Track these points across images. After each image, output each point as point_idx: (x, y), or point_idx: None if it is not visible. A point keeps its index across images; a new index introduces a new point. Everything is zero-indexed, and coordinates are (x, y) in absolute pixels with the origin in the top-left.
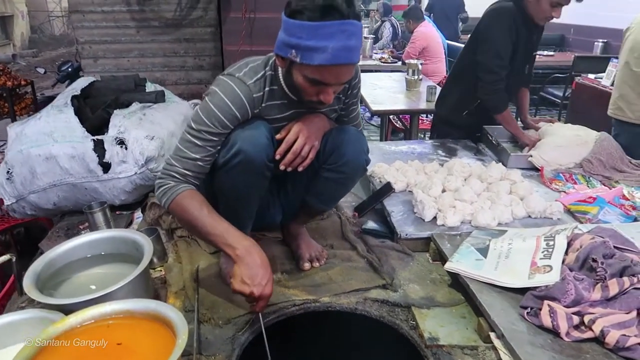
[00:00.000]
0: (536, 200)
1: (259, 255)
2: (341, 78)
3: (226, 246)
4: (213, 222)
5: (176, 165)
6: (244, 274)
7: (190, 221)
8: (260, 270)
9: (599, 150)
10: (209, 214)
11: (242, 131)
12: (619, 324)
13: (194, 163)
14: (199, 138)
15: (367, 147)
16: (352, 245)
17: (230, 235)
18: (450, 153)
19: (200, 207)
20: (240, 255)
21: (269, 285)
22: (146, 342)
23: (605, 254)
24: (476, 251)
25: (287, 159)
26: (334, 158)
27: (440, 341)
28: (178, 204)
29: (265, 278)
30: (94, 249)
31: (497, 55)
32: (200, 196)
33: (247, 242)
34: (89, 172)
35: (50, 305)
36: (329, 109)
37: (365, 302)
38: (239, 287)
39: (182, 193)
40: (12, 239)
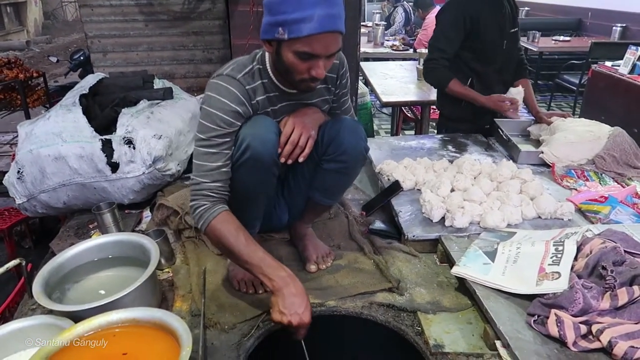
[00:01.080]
0: (547, 200)
1: (295, 285)
2: (329, 48)
3: (263, 276)
4: (250, 252)
5: (204, 181)
6: (280, 305)
7: (227, 247)
8: (296, 299)
9: (612, 146)
10: (246, 242)
11: (249, 129)
12: (627, 334)
13: (219, 171)
14: (212, 145)
15: (364, 135)
16: (359, 246)
17: (267, 266)
18: (460, 149)
19: (237, 233)
20: (276, 286)
21: (306, 313)
22: (151, 352)
23: (615, 261)
24: (484, 255)
25: (285, 150)
26: (333, 148)
27: (445, 348)
28: (215, 229)
29: (302, 306)
30: (102, 252)
31: (435, 38)
32: (236, 221)
33: (283, 272)
34: (97, 172)
35: (59, 312)
36: (320, 99)
37: (371, 307)
38: (278, 318)
39: (217, 217)
40: (28, 229)
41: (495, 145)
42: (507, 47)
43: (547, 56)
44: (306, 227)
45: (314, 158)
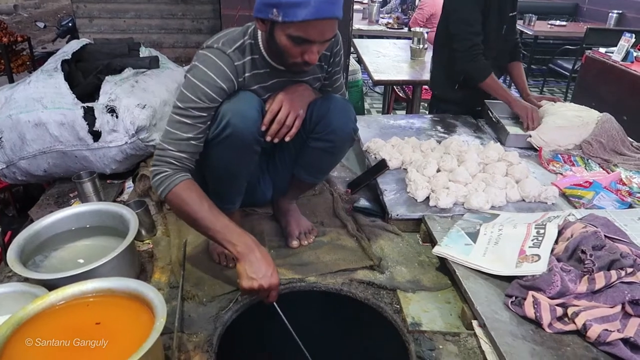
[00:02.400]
0: (532, 184)
1: (260, 250)
2: (325, 34)
3: (227, 242)
4: (213, 218)
5: (170, 149)
6: (248, 270)
7: (189, 214)
8: (262, 263)
9: (600, 132)
10: (210, 209)
11: (231, 104)
12: (602, 317)
13: (187, 143)
14: (188, 116)
15: (354, 116)
16: (342, 223)
17: (231, 232)
18: (449, 129)
19: (200, 201)
20: (241, 251)
21: (275, 275)
22: (125, 322)
23: (595, 245)
24: (466, 236)
25: (272, 129)
26: (321, 127)
27: (422, 326)
28: (176, 195)
29: (270, 269)
30: (80, 221)
31: (466, 22)
32: (198, 188)
33: (246, 238)
34: (78, 140)
35: (34, 280)
36: (312, 77)
37: (351, 284)
38: (248, 284)
39: (180, 184)
40: (12, 197)
41: (484, 127)
42: (505, 32)
43: (542, 40)
44: (290, 202)
45: (302, 135)
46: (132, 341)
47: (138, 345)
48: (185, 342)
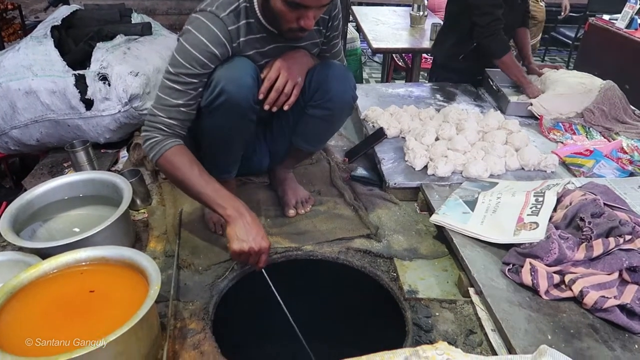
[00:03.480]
0: (531, 152)
1: (250, 214)
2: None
3: (217, 206)
4: (203, 183)
5: (160, 115)
6: (238, 233)
7: (180, 179)
8: (252, 226)
9: (602, 99)
10: (200, 173)
11: (225, 71)
12: (599, 284)
13: (178, 110)
14: (179, 82)
15: (354, 83)
16: (339, 192)
17: (220, 197)
18: (449, 98)
19: (191, 165)
20: (231, 215)
21: (265, 238)
22: (119, 290)
23: (594, 213)
24: (464, 204)
25: (270, 97)
26: (320, 94)
27: (419, 294)
28: (167, 160)
29: (260, 233)
30: (73, 190)
31: None
32: (189, 153)
33: (236, 202)
34: (71, 109)
35: (27, 249)
36: (310, 42)
37: (347, 252)
38: (238, 246)
39: (170, 149)
40: (8, 169)
41: (484, 96)
42: (521, 3)
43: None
44: (287, 171)
45: (299, 103)
46: (126, 309)
47: (132, 313)
48: (181, 310)
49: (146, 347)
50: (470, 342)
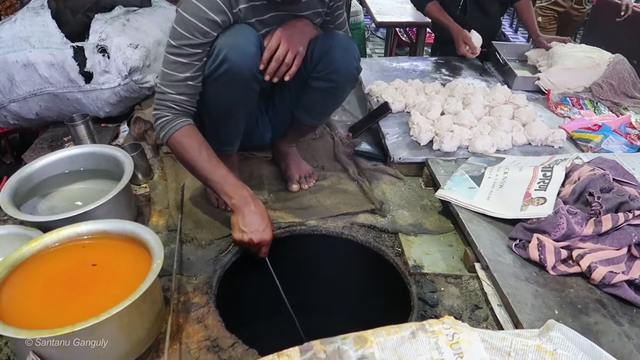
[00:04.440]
0: (539, 127)
1: (255, 204)
2: None
3: (223, 194)
4: (211, 168)
5: (169, 91)
6: (241, 223)
7: (189, 162)
8: (256, 217)
9: (611, 74)
10: (209, 158)
11: (227, 39)
12: (607, 260)
13: (186, 84)
14: (183, 55)
15: (358, 54)
16: (343, 167)
17: (228, 184)
18: (454, 72)
19: (200, 149)
20: (236, 204)
21: (267, 230)
22: (121, 264)
23: (603, 188)
24: (470, 179)
25: (270, 67)
26: (323, 65)
27: (424, 269)
28: (177, 142)
29: (263, 224)
30: (73, 164)
31: None
32: (198, 135)
33: (244, 191)
34: (70, 82)
35: (28, 223)
36: (312, 12)
37: (352, 227)
38: (239, 237)
39: (180, 130)
40: (8, 145)
41: (490, 70)
42: None
43: None
44: (290, 146)
45: (302, 75)
46: (129, 282)
47: (135, 287)
48: (184, 284)
49: (150, 320)
50: (475, 317)
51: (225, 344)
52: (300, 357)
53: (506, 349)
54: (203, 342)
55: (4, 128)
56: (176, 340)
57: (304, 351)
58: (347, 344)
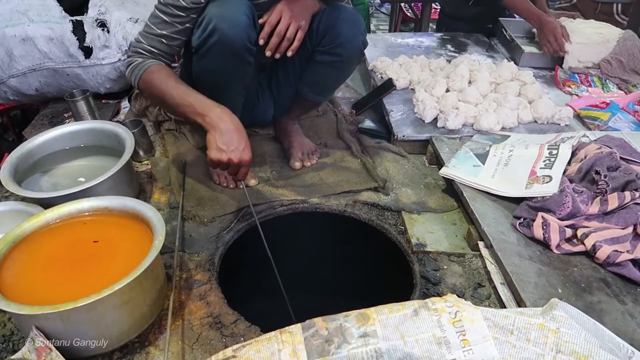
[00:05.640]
0: (545, 104)
1: (232, 121)
2: None
3: (196, 115)
4: (181, 93)
5: (142, 41)
6: (218, 141)
7: (159, 95)
8: (234, 134)
9: (621, 50)
10: (177, 84)
11: (217, 9)
12: (612, 239)
13: (160, 40)
14: (167, 13)
15: (364, 28)
16: (346, 144)
17: (200, 103)
18: (460, 48)
19: (167, 78)
20: (210, 122)
21: (247, 150)
22: (123, 240)
23: (610, 166)
24: (474, 157)
25: (271, 42)
26: (328, 39)
27: (427, 247)
28: (145, 81)
29: (242, 143)
30: (74, 140)
31: None
32: (167, 69)
33: (218, 108)
34: (69, 57)
35: (30, 199)
36: None
37: (354, 205)
38: (216, 156)
39: (148, 68)
40: (10, 122)
41: (497, 46)
42: None
43: None
44: (292, 123)
45: (307, 49)
46: (131, 259)
47: (137, 263)
48: (186, 262)
49: (152, 297)
50: (478, 295)
51: (228, 320)
52: (303, 334)
53: (509, 327)
54: (205, 319)
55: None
56: (178, 317)
57: (306, 328)
58: (349, 321)
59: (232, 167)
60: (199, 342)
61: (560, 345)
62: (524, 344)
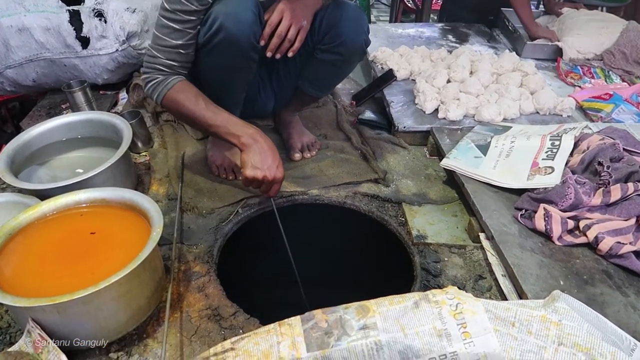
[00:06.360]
0: (547, 95)
1: (265, 141)
2: None
3: (230, 135)
4: (212, 115)
5: (159, 56)
6: (253, 160)
7: (188, 115)
8: (268, 154)
9: (624, 41)
10: (207, 106)
11: (222, 6)
12: (615, 230)
13: (177, 52)
14: (176, 21)
15: (367, 26)
16: (346, 136)
17: (232, 125)
18: (461, 39)
19: (196, 99)
20: (245, 142)
21: (280, 168)
22: (121, 232)
23: (613, 158)
24: (476, 148)
25: (272, 43)
26: (330, 37)
27: (427, 239)
28: (172, 100)
29: (276, 161)
30: (71, 131)
31: None
32: (193, 87)
33: (251, 129)
34: (66, 47)
35: (27, 191)
36: None
37: (355, 197)
38: (251, 173)
39: (174, 87)
40: (8, 113)
41: (498, 37)
42: None
43: None
44: (292, 115)
45: (308, 45)
46: (128, 251)
47: (135, 255)
48: (185, 253)
49: (150, 289)
50: (479, 287)
51: (227, 312)
52: (302, 326)
53: (510, 319)
54: (204, 311)
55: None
56: (177, 309)
57: (306, 320)
58: (349, 313)
59: (265, 184)
60: (197, 335)
61: (562, 337)
62: (526, 336)
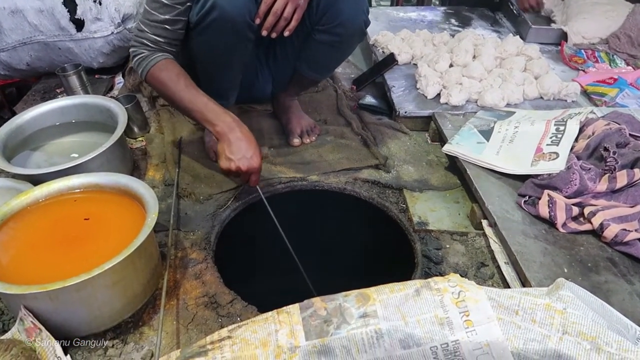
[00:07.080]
0: (552, 79)
1: (241, 129)
2: None
3: (206, 122)
4: (191, 97)
5: (146, 30)
6: (227, 151)
7: (168, 95)
8: (243, 143)
9: (630, 25)
10: (187, 87)
11: None
12: (620, 217)
13: (163, 27)
14: None
15: (366, 6)
16: (346, 121)
17: (209, 111)
18: (464, 23)
19: (177, 79)
20: (220, 131)
21: (255, 157)
22: (115, 218)
23: (619, 143)
24: (478, 133)
25: (267, 21)
26: (328, 17)
27: (429, 226)
28: (154, 77)
29: (250, 150)
30: (65, 116)
31: None
32: (176, 67)
33: (227, 117)
34: (60, 30)
35: (20, 176)
36: None
37: (355, 183)
38: (225, 165)
39: (157, 64)
40: (5, 99)
41: (502, 21)
42: None
43: None
44: (291, 99)
45: (306, 26)
46: (123, 237)
47: (129, 241)
48: (181, 240)
49: (145, 276)
50: (481, 275)
51: (224, 300)
52: (301, 314)
53: (514, 307)
54: (201, 299)
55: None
56: (173, 296)
57: (304, 308)
58: (349, 301)
59: (242, 175)
60: (194, 322)
61: (566, 326)
62: (530, 325)
